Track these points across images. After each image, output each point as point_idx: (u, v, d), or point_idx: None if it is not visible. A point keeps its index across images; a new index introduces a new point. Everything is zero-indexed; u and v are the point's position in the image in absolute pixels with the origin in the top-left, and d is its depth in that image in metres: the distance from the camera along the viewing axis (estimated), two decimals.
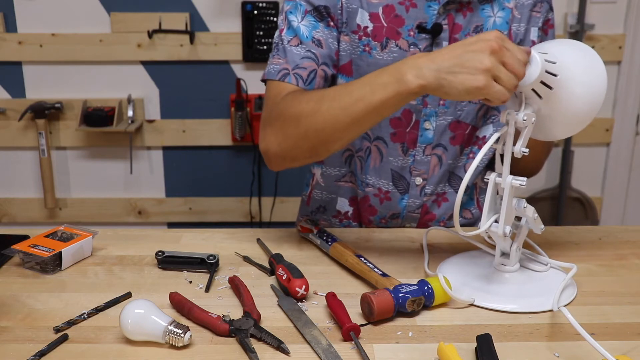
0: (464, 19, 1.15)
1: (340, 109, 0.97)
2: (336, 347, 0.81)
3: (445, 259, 1.06)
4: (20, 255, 1.04)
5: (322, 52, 1.14)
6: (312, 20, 1.14)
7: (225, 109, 2.46)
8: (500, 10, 1.17)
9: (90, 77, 2.42)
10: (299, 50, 1.13)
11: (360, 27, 1.14)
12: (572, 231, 1.20)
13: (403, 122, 1.18)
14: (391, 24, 1.13)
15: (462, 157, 1.23)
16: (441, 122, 1.19)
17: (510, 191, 0.91)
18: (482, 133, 1.24)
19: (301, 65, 1.12)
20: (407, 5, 1.13)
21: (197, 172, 2.54)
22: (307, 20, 1.14)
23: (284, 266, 0.97)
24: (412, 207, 1.24)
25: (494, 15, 1.16)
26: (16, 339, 0.84)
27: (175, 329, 0.81)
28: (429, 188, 1.23)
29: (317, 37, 1.14)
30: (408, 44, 1.14)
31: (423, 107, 1.17)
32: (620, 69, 2.46)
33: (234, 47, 2.38)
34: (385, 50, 1.14)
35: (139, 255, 1.08)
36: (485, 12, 1.16)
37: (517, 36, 1.20)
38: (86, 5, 2.34)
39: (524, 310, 0.91)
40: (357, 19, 1.14)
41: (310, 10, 1.14)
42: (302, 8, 1.15)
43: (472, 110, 1.20)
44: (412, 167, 1.21)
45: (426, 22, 1.13)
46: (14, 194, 2.56)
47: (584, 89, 0.89)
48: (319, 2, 1.14)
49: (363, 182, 1.24)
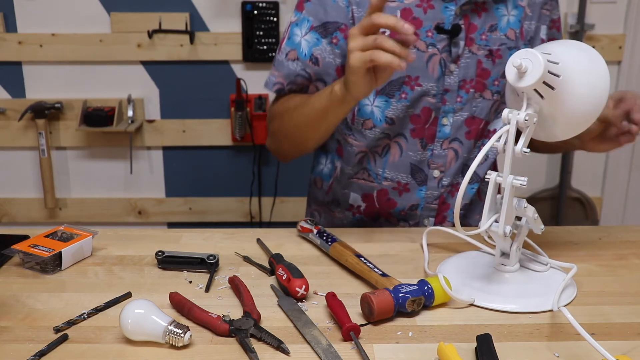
0: (479, 19, 1.18)
1: (303, 115, 1.17)
2: (336, 347, 0.81)
3: (445, 259, 1.06)
4: (20, 255, 1.04)
5: (317, 70, 1.21)
6: (316, 36, 1.19)
7: (225, 109, 2.46)
8: (514, 9, 1.20)
9: (90, 77, 2.42)
10: (294, 66, 1.21)
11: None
12: (572, 231, 1.20)
13: (422, 119, 1.22)
14: None
15: (475, 149, 1.27)
16: (458, 118, 1.22)
17: (511, 191, 0.91)
18: (493, 127, 1.27)
19: (295, 82, 1.22)
20: (424, 7, 1.16)
21: (197, 172, 2.54)
22: (310, 36, 1.20)
23: (284, 266, 0.97)
24: (430, 199, 1.27)
25: (508, 14, 1.19)
26: (16, 339, 0.84)
27: (175, 329, 0.81)
28: (446, 180, 1.26)
29: (316, 54, 1.20)
30: (426, 44, 1.16)
31: (442, 104, 1.21)
32: (620, 69, 2.45)
33: (234, 47, 2.38)
34: None
35: (139, 255, 1.08)
36: (499, 11, 1.19)
37: (528, 33, 1.23)
38: (86, 5, 2.34)
39: (524, 310, 0.91)
40: None
41: (316, 26, 1.19)
42: (308, 23, 1.19)
43: (486, 107, 1.23)
44: (430, 160, 1.25)
45: (443, 23, 1.16)
46: (14, 194, 2.56)
47: (586, 90, 0.89)
48: (327, 18, 1.18)
49: (379, 176, 1.27)
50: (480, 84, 1.20)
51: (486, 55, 1.19)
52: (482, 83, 1.20)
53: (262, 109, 2.40)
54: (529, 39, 1.23)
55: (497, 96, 1.22)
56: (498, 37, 1.19)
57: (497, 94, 1.22)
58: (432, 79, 1.18)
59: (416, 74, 1.18)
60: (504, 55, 1.20)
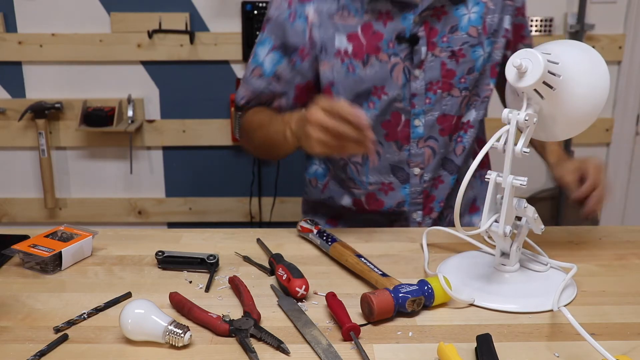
0: (440, 23, 1.20)
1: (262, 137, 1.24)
2: (336, 347, 0.81)
3: (445, 259, 1.06)
4: (20, 255, 1.04)
5: (279, 88, 1.26)
6: (278, 55, 1.25)
7: (225, 109, 2.46)
8: (475, 6, 1.22)
9: (90, 77, 2.42)
10: (259, 82, 1.27)
11: (341, 51, 1.20)
12: (572, 231, 1.20)
13: (393, 123, 1.24)
14: (370, 41, 1.19)
15: (451, 143, 1.29)
16: (429, 118, 1.24)
17: (511, 191, 0.91)
18: (466, 118, 1.29)
19: (260, 97, 1.29)
20: (384, 20, 1.18)
21: (197, 172, 2.54)
22: (272, 55, 1.25)
23: (284, 266, 0.97)
24: (415, 194, 1.30)
25: (468, 12, 1.21)
26: (16, 339, 0.84)
27: (175, 329, 0.81)
28: (426, 175, 1.29)
29: (278, 72, 1.25)
30: (388, 55, 1.19)
31: (411, 108, 1.23)
32: (620, 69, 2.46)
33: (233, 47, 2.38)
34: (367, 66, 1.19)
35: (139, 255, 1.08)
36: (459, 11, 1.21)
37: (491, 27, 1.24)
38: (86, 5, 2.34)
39: (524, 310, 0.91)
40: (336, 43, 1.20)
41: (277, 45, 1.23)
42: (270, 43, 1.24)
43: (455, 104, 1.25)
44: (408, 159, 1.27)
45: (404, 32, 1.18)
46: (14, 194, 2.56)
47: (586, 90, 0.89)
48: (286, 39, 1.22)
49: (364, 183, 1.30)
50: (446, 84, 1.23)
51: (449, 57, 1.21)
52: (448, 83, 1.23)
53: None
54: (492, 32, 1.23)
55: (466, 92, 1.24)
56: (460, 37, 1.21)
57: (466, 90, 1.24)
58: (398, 87, 1.21)
59: (381, 83, 1.20)
60: (467, 54, 1.22)
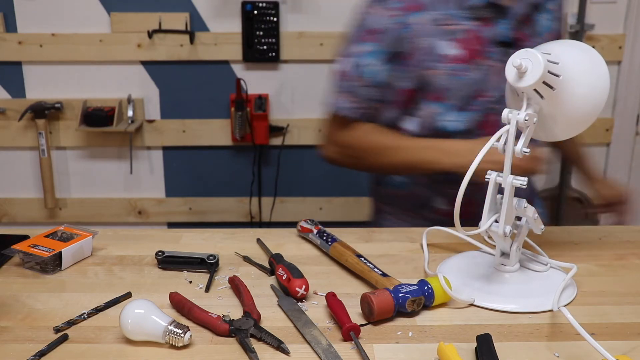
0: (528, 28, 1.27)
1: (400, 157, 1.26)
2: (336, 347, 0.81)
3: (445, 259, 1.06)
4: (20, 255, 1.04)
5: (390, 95, 1.27)
6: (385, 64, 1.24)
7: (225, 109, 2.46)
8: (546, 13, 1.30)
9: (90, 77, 2.42)
10: (369, 91, 1.27)
11: (448, 56, 1.22)
12: (572, 231, 1.20)
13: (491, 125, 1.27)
14: (475, 46, 1.23)
15: None
16: None
17: (511, 191, 0.91)
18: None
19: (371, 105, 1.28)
20: (485, 25, 1.23)
21: (197, 172, 2.54)
22: (379, 64, 1.24)
23: (284, 266, 0.96)
24: None
25: (544, 19, 1.29)
26: (16, 339, 0.84)
27: (175, 329, 0.81)
28: None
29: (387, 80, 1.26)
30: (489, 59, 1.24)
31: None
32: (620, 69, 2.45)
33: (234, 47, 2.38)
34: (472, 70, 1.23)
35: (139, 255, 1.08)
36: (540, 19, 1.29)
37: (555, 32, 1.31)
38: (86, 5, 2.34)
39: (524, 310, 0.91)
40: (442, 49, 1.22)
41: (384, 54, 1.24)
42: (376, 53, 1.24)
43: None
44: None
45: (502, 37, 1.24)
46: (14, 194, 2.55)
47: (586, 90, 0.89)
48: (394, 48, 1.23)
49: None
50: None
51: None
52: None
53: (262, 109, 2.40)
54: (556, 37, 1.30)
55: None
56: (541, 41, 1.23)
57: None
58: (496, 89, 1.24)
59: (484, 86, 1.24)
60: None
